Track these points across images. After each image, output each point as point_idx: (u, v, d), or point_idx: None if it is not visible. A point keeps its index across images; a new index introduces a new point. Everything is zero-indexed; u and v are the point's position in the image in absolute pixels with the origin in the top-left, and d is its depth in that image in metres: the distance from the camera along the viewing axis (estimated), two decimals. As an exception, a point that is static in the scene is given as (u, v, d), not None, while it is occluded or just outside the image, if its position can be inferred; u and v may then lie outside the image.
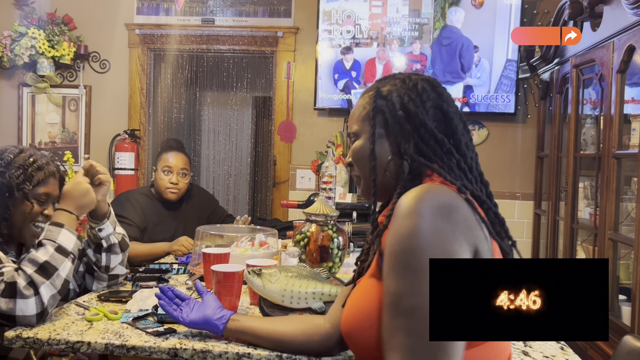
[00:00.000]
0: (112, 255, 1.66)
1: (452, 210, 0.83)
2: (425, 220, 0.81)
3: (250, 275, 1.37)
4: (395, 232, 0.83)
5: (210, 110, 4.85)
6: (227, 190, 4.74)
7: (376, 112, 1.02)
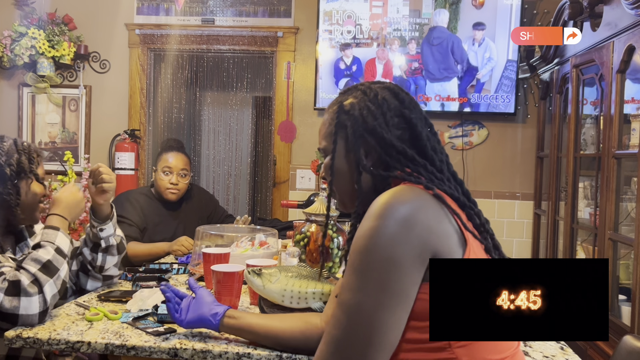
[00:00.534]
0: (109, 257, 1.66)
1: (412, 212, 0.85)
2: (380, 223, 0.84)
3: (250, 275, 1.37)
4: (358, 232, 0.87)
5: (210, 110, 4.85)
6: (227, 190, 4.74)
7: (338, 128, 1.03)
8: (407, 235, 0.82)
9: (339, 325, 0.85)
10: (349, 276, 0.86)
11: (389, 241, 0.82)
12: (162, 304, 1.41)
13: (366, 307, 0.82)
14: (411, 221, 0.83)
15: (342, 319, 0.84)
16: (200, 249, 1.83)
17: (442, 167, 0.99)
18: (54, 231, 1.47)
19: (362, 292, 0.82)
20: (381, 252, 0.82)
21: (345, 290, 0.86)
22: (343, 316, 0.84)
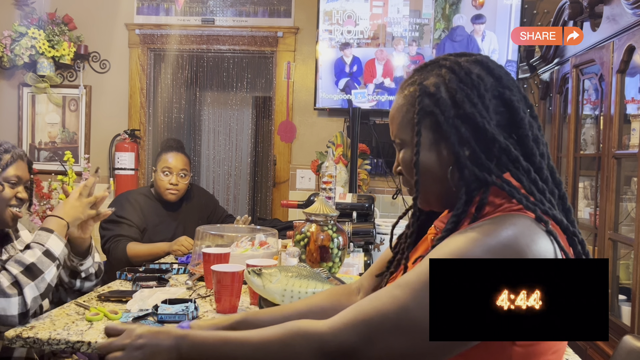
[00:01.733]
0: (87, 282, 1.67)
1: (520, 253, 0.72)
2: (484, 252, 0.72)
3: (250, 275, 1.37)
4: (449, 245, 0.76)
5: (210, 110, 4.85)
6: (227, 190, 4.74)
7: (422, 116, 0.84)
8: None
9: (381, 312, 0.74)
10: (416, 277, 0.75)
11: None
12: (162, 304, 1.41)
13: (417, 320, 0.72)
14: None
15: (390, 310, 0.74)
16: (200, 249, 1.83)
17: (542, 165, 0.83)
18: (47, 233, 1.46)
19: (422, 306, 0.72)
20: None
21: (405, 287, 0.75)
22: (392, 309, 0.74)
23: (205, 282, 1.74)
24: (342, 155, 3.21)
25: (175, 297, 1.48)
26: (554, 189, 0.83)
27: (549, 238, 0.76)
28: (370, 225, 2.13)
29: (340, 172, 3.12)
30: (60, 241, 1.47)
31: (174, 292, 1.62)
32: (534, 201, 0.79)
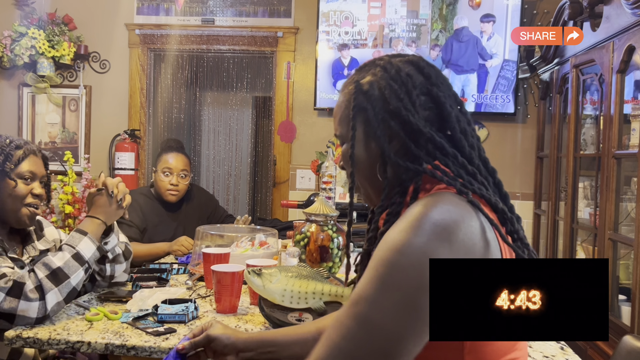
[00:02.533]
0: (117, 265, 1.66)
1: (453, 231, 0.75)
2: (420, 239, 0.74)
3: (250, 275, 1.37)
4: (387, 241, 0.77)
5: (210, 110, 4.85)
6: (227, 190, 4.74)
7: (356, 111, 0.90)
8: (448, 254, 0.74)
9: (349, 336, 0.75)
10: (369, 286, 0.76)
11: (423, 260, 0.72)
12: (162, 304, 1.41)
13: (386, 326, 0.73)
14: (450, 240, 0.74)
15: (355, 331, 0.75)
16: (200, 249, 1.83)
17: (471, 154, 0.87)
18: (80, 235, 1.45)
19: (384, 310, 0.74)
20: (411, 271, 0.73)
21: (363, 301, 0.76)
22: (357, 328, 0.75)
23: (205, 282, 1.74)
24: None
25: (175, 297, 1.48)
26: (487, 176, 0.87)
27: (473, 210, 0.79)
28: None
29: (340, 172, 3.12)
30: (92, 244, 1.46)
31: (174, 292, 1.62)
32: (460, 181, 0.83)
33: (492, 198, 0.83)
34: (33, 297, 1.31)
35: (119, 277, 1.68)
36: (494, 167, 0.89)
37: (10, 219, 1.51)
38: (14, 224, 1.53)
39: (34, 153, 1.55)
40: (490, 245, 0.79)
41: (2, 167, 1.47)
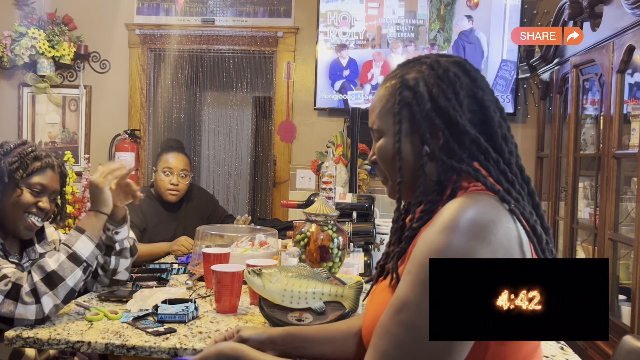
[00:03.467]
0: (122, 259, 1.65)
1: (491, 230, 0.75)
2: (459, 240, 0.74)
3: (250, 275, 1.37)
4: (426, 243, 0.77)
5: (210, 110, 4.85)
6: (227, 190, 4.74)
7: (402, 106, 0.89)
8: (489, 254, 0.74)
9: (399, 344, 0.75)
10: (412, 291, 0.76)
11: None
12: (162, 304, 1.41)
13: None
14: (492, 235, 0.74)
15: (405, 338, 0.75)
16: (200, 249, 1.83)
17: (511, 161, 0.87)
18: (77, 234, 1.44)
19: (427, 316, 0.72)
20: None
21: (407, 307, 0.76)
22: (406, 336, 0.75)
23: (206, 282, 1.74)
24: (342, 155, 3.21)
25: (175, 297, 1.48)
26: (523, 185, 0.87)
27: (511, 217, 0.79)
28: (370, 225, 2.13)
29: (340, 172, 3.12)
30: (90, 242, 1.44)
31: (174, 292, 1.62)
32: (499, 188, 0.83)
33: (526, 211, 0.83)
34: (29, 301, 1.30)
35: (121, 274, 1.67)
36: (529, 176, 0.89)
37: (9, 226, 1.50)
38: (11, 231, 1.52)
39: (52, 167, 1.54)
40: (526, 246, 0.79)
41: (13, 173, 1.47)
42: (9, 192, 1.47)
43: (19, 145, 1.51)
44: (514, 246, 0.77)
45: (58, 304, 1.35)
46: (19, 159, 1.48)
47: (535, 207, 0.86)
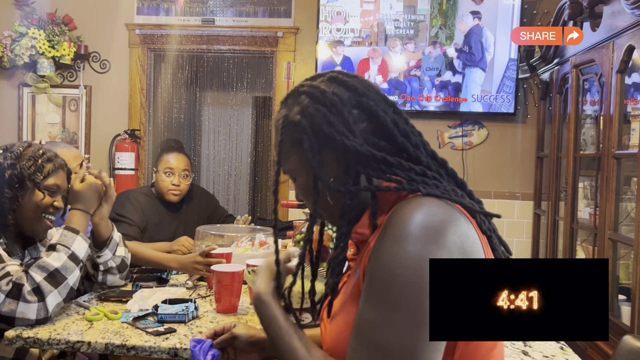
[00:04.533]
0: (109, 276, 1.66)
1: (444, 231, 0.74)
2: (414, 248, 0.72)
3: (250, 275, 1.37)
4: (380, 256, 0.75)
5: (210, 110, 4.85)
6: (227, 190, 4.74)
7: (291, 146, 0.88)
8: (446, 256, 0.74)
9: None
10: (376, 310, 0.74)
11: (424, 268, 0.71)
12: (162, 303, 1.41)
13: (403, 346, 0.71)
14: (444, 242, 0.74)
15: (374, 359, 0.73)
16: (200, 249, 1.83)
17: (418, 154, 0.85)
18: (73, 234, 1.45)
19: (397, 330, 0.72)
20: (416, 282, 0.71)
21: (372, 327, 0.73)
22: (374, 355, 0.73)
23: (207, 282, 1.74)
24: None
25: (175, 297, 1.48)
26: (439, 170, 0.86)
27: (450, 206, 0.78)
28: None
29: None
30: (85, 242, 1.46)
31: (174, 292, 1.62)
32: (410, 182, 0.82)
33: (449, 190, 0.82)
34: (31, 300, 1.30)
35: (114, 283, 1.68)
36: (443, 158, 0.88)
37: (26, 227, 1.51)
38: (28, 232, 1.53)
39: (62, 168, 1.57)
40: (476, 241, 0.78)
41: (33, 177, 1.48)
42: (30, 196, 1.48)
43: (26, 147, 1.52)
44: (465, 242, 0.76)
45: (60, 302, 1.36)
46: (34, 162, 1.49)
47: (460, 186, 0.87)
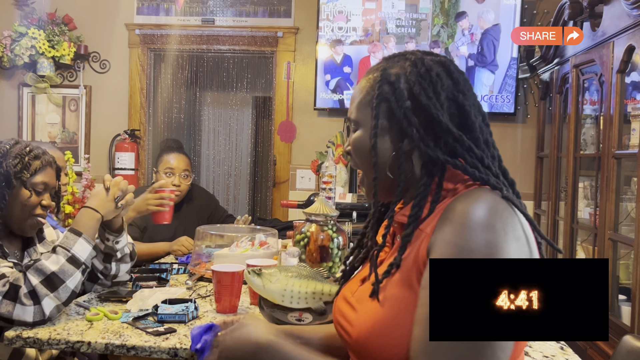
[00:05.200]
0: (122, 265, 1.65)
1: (518, 224, 0.76)
2: (501, 237, 0.74)
3: (250, 275, 1.37)
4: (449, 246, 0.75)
5: (210, 110, 4.85)
6: (227, 190, 4.74)
7: (380, 101, 0.88)
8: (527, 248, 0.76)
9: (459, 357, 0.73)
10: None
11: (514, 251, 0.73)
12: (162, 304, 1.41)
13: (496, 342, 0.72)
14: (519, 228, 0.76)
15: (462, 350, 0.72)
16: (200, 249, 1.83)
17: (493, 164, 0.86)
18: (74, 237, 1.43)
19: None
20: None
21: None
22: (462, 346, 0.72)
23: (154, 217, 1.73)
24: (342, 155, 3.21)
25: (175, 297, 1.48)
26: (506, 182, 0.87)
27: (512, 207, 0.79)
28: (370, 225, 2.13)
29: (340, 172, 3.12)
30: (87, 244, 1.44)
31: (174, 292, 1.62)
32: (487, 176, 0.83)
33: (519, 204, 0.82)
34: (27, 303, 1.30)
35: (122, 277, 1.68)
36: (513, 179, 0.88)
37: (14, 226, 1.50)
38: (16, 231, 1.52)
39: (50, 165, 1.54)
40: (530, 239, 0.79)
41: (19, 175, 1.46)
42: (16, 194, 1.47)
43: (13, 145, 1.50)
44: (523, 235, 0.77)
45: (59, 304, 1.35)
46: (20, 159, 1.47)
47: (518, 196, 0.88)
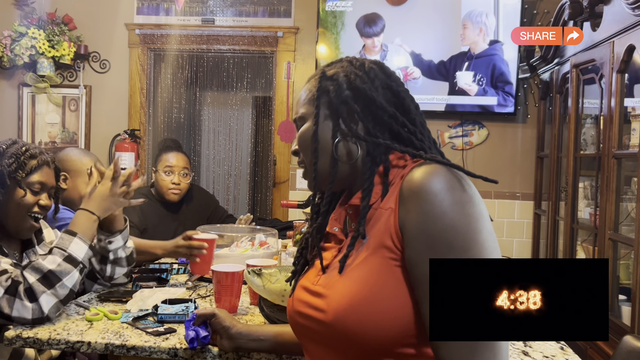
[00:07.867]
0: (117, 268, 1.64)
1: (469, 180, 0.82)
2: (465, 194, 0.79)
3: (250, 275, 1.37)
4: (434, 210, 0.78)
5: (210, 110, 4.85)
6: (227, 190, 4.74)
7: (321, 93, 0.95)
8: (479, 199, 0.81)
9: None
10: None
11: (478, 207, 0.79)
12: (162, 304, 1.41)
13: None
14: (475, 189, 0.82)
15: None
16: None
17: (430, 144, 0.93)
18: (69, 237, 1.43)
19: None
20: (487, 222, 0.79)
21: None
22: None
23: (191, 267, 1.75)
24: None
25: (175, 297, 1.48)
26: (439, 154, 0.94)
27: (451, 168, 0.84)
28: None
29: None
30: (83, 244, 1.43)
31: (174, 292, 1.61)
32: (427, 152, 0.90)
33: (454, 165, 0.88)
34: (25, 299, 1.30)
35: (119, 279, 1.67)
36: (442, 151, 0.95)
37: (10, 226, 1.49)
38: (13, 233, 1.51)
39: (47, 164, 1.53)
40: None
41: (14, 174, 1.45)
42: (11, 194, 1.46)
43: (10, 145, 1.50)
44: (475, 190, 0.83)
45: (57, 302, 1.34)
46: (15, 159, 1.46)
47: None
